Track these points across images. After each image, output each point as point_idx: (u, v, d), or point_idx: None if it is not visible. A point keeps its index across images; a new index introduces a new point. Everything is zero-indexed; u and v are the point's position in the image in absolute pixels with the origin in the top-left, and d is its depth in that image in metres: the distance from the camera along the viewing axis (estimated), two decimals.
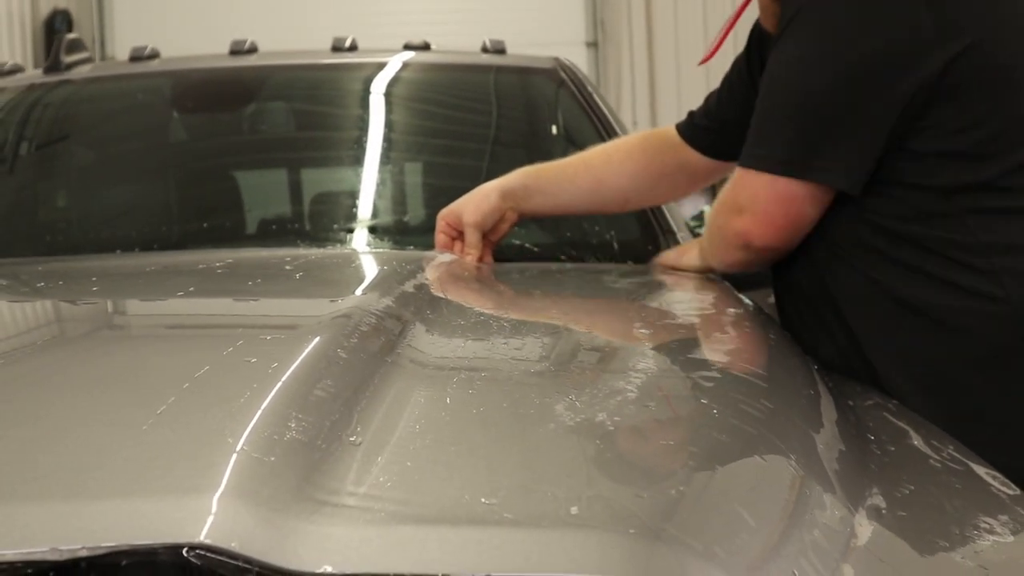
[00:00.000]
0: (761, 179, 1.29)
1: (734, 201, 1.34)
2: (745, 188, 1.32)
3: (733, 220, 1.33)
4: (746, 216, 1.31)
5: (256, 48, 2.38)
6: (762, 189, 1.30)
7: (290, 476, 0.64)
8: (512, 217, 1.58)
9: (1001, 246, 1.23)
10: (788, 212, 1.29)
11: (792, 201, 1.29)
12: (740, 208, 1.32)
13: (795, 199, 1.29)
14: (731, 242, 1.35)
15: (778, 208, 1.29)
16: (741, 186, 1.33)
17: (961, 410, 1.19)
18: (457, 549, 0.60)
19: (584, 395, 0.84)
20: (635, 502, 0.66)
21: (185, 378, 0.77)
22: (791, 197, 1.28)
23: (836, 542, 0.75)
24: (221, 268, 1.38)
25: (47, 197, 2.23)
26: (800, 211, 1.29)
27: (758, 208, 1.30)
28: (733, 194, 1.35)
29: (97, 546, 0.57)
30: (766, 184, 1.29)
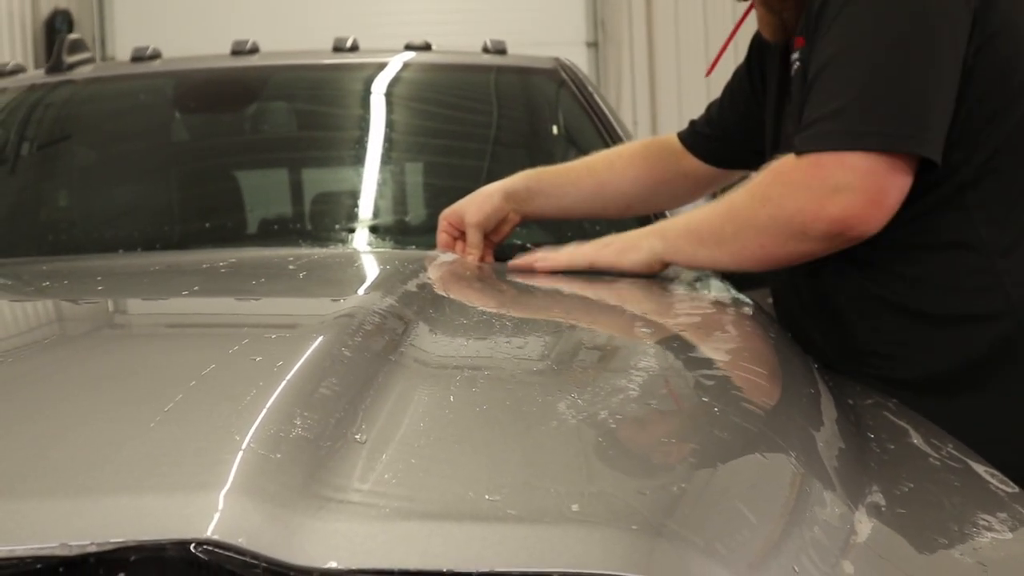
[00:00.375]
0: (861, 158, 1.20)
1: (826, 183, 1.22)
2: (840, 169, 1.21)
3: (827, 205, 1.21)
4: (847, 196, 1.20)
5: (257, 48, 2.39)
6: (866, 167, 1.20)
7: (296, 473, 0.65)
8: (514, 219, 1.58)
9: (1004, 246, 1.23)
10: (897, 189, 1.21)
11: (901, 174, 1.21)
12: (836, 189, 1.21)
13: (902, 172, 1.21)
14: (815, 232, 1.23)
15: (887, 185, 1.20)
16: (831, 168, 1.22)
17: (961, 414, 1.20)
18: (461, 545, 0.61)
19: (586, 393, 0.85)
20: (637, 499, 0.67)
21: (192, 376, 0.78)
22: (899, 170, 1.20)
23: (836, 539, 0.75)
24: (225, 268, 1.39)
25: (50, 197, 2.24)
26: (906, 184, 1.21)
27: (864, 187, 1.20)
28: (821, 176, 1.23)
29: (106, 542, 0.58)
30: (875, 161, 1.20)
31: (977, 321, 1.24)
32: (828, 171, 1.22)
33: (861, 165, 1.20)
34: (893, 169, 1.20)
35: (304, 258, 1.48)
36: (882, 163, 1.20)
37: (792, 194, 1.25)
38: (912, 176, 1.23)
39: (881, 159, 1.20)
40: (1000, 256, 1.24)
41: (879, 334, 1.28)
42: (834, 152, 1.22)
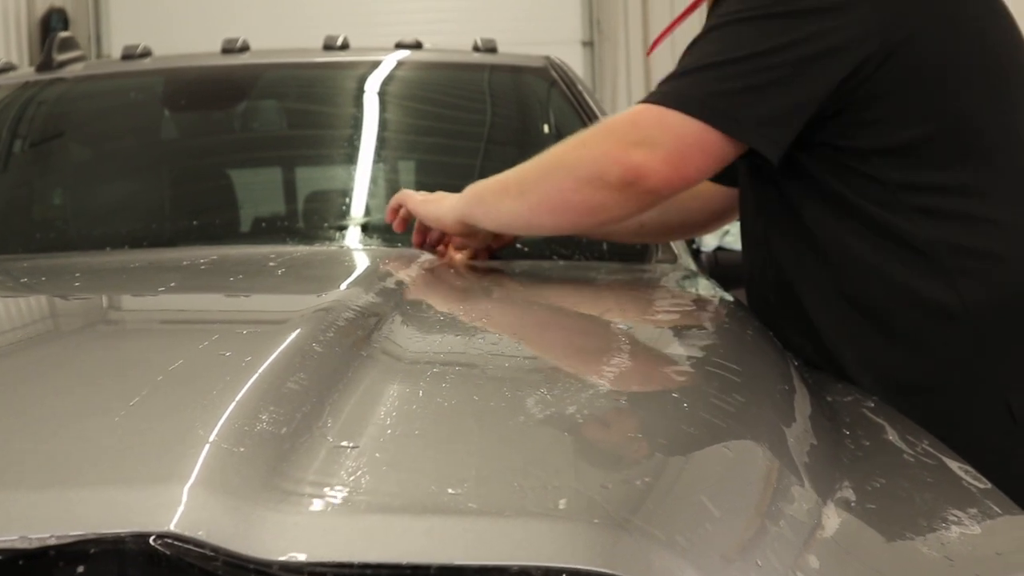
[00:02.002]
0: (678, 118, 1.21)
1: (631, 134, 1.23)
2: (654, 123, 1.22)
3: (629, 152, 1.21)
4: (648, 151, 1.21)
5: (248, 47, 2.39)
6: (679, 128, 1.21)
7: (259, 466, 0.65)
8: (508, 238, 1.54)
9: (951, 247, 1.23)
10: (701, 161, 1.22)
11: (709, 151, 1.21)
12: (644, 141, 1.22)
13: (717, 151, 1.21)
14: (611, 176, 1.22)
15: (692, 153, 1.21)
16: (647, 120, 1.23)
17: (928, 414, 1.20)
18: (421, 538, 0.61)
19: (556, 389, 0.85)
20: (600, 493, 0.67)
21: (160, 371, 0.78)
22: (714, 148, 1.21)
23: (802, 533, 0.76)
24: (205, 264, 1.39)
25: (38, 195, 2.24)
26: (709, 164, 1.23)
27: (668, 145, 1.21)
28: (630, 126, 1.24)
29: (65, 535, 0.58)
30: (684, 124, 1.21)
31: (933, 333, 1.24)
32: (644, 123, 1.23)
33: (674, 125, 1.21)
34: (705, 141, 1.21)
35: (285, 255, 1.48)
36: (696, 131, 1.20)
37: (604, 138, 1.26)
38: (730, 158, 1.23)
39: (696, 127, 1.20)
40: (952, 256, 1.23)
41: (842, 337, 1.28)
42: (658, 107, 1.23)
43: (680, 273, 1.68)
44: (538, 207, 1.28)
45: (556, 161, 1.28)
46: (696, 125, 1.20)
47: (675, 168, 1.21)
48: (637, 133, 1.22)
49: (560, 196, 1.26)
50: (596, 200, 1.24)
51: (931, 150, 1.24)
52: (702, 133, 1.20)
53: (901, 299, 1.25)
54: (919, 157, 1.24)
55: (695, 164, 1.22)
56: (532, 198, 1.28)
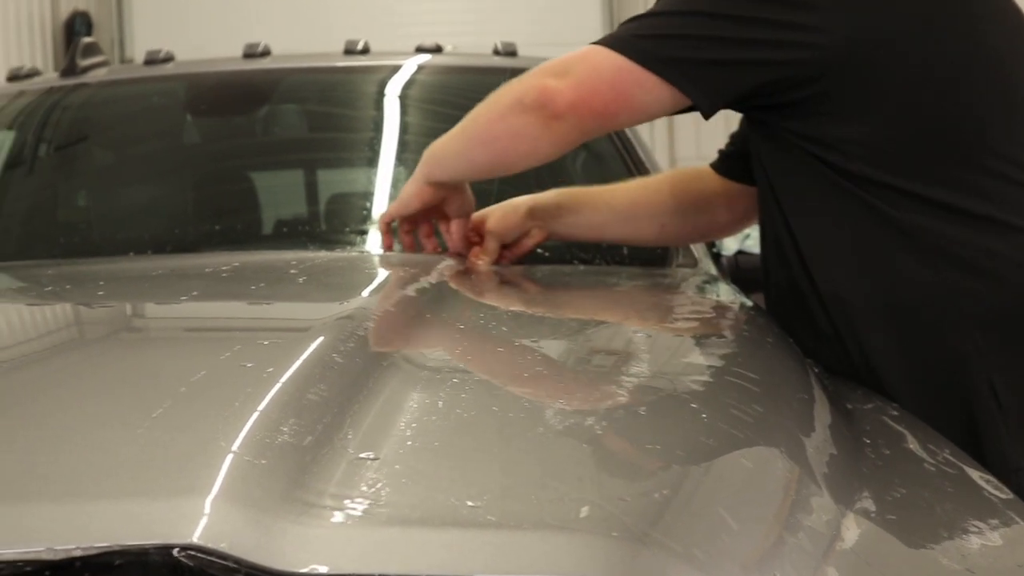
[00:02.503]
0: (602, 52, 1.25)
1: (556, 66, 1.28)
2: (578, 57, 1.27)
3: (545, 79, 1.27)
4: (561, 77, 1.25)
5: (269, 51, 2.41)
6: (598, 60, 1.25)
7: (280, 478, 0.66)
8: (538, 236, 1.56)
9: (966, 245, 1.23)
10: (617, 90, 1.25)
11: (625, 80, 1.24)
12: (563, 71, 1.27)
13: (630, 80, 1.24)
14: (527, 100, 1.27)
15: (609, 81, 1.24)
16: (574, 55, 1.28)
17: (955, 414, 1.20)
18: (441, 550, 0.61)
19: (575, 399, 0.85)
20: (618, 506, 0.68)
21: (182, 382, 0.79)
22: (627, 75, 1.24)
23: (821, 544, 0.76)
24: (226, 272, 1.40)
25: (62, 200, 2.26)
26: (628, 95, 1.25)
27: (581, 74, 1.25)
28: (558, 62, 1.29)
29: (91, 546, 0.59)
30: (606, 57, 1.25)
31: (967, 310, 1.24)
32: (570, 57, 1.28)
33: (594, 57, 1.25)
34: (621, 75, 1.24)
35: (307, 262, 1.49)
36: (615, 64, 1.24)
37: (536, 70, 1.31)
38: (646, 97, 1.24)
39: (617, 60, 1.23)
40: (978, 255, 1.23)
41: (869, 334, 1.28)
42: (595, 46, 1.27)
43: (700, 277, 1.68)
44: (472, 141, 1.36)
45: (489, 99, 1.34)
46: (617, 59, 1.25)
47: (585, 95, 1.25)
48: (560, 65, 1.28)
49: (488, 127, 1.33)
50: (515, 126, 1.29)
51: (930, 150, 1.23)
52: (619, 63, 1.24)
53: (926, 298, 1.24)
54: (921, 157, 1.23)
55: (606, 93, 1.25)
56: (468, 133, 1.35)
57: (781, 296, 1.38)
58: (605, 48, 1.26)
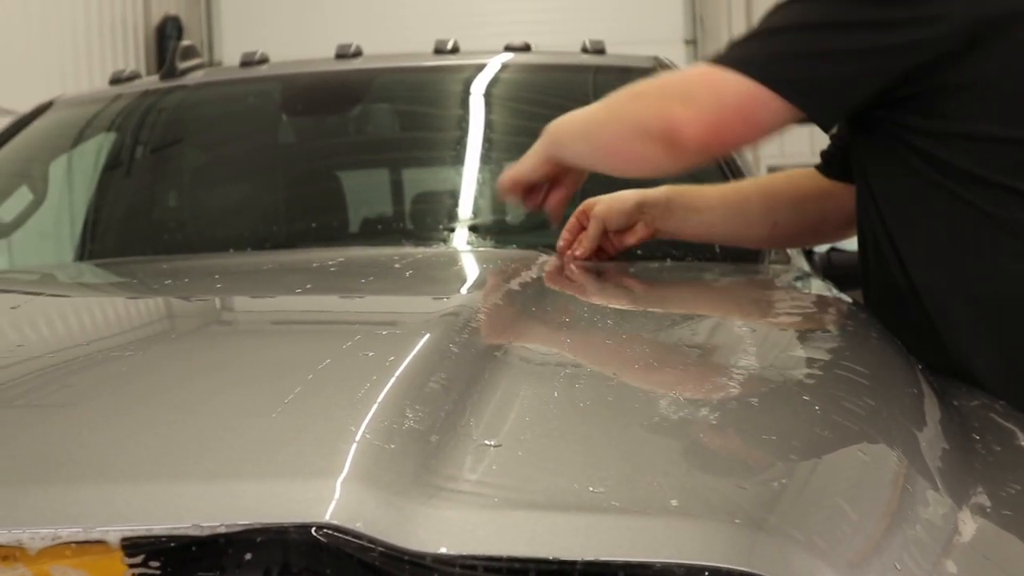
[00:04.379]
0: (729, 76, 1.21)
1: (679, 90, 1.25)
2: (701, 80, 1.24)
3: (671, 107, 1.23)
4: (686, 107, 1.22)
5: (361, 51, 2.45)
6: (726, 86, 1.21)
7: (408, 463, 0.68)
8: (643, 231, 1.56)
9: None
10: (746, 118, 1.22)
11: (754, 107, 1.21)
12: (687, 98, 1.23)
13: (759, 107, 1.21)
14: (653, 129, 1.24)
15: (736, 109, 1.21)
16: (696, 77, 1.25)
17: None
18: (567, 534, 0.63)
19: (686, 390, 0.86)
20: (738, 493, 0.68)
21: (309, 370, 0.82)
22: (756, 103, 1.21)
23: (939, 538, 0.76)
24: (334, 266, 1.44)
25: (164, 199, 2.33)
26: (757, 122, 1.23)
27: (708, 104, 1.21)
28: (680, 83, 1.26)
29: (234, 524, 0.62)
30: (733, 82, 1.21)
31: None
32: (692, 79, 1.26)
33: (723, 86, 1.22)
34: (750, 100, 1.20)
35: (409, 257, 1.52)
36: (742, 89, 1.20)
37: (654, 91, 1.29)
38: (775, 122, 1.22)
39: (743, 84, 1.20)
40: None
41: (974, 334, 1.26)
42: (710, 65, 1.24)
43: (794, 274, 1.67)
44: (598, 152, 1.36)
45: (614, 110, 1.33)
46: (742, 82, 1.21)
47: (711, 126, 1.22)
48: (683, 88, 1.25)
49: (613, 144, 1.32)
50: (640, 151, 1.28)
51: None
52: (748, 90, 1.21)
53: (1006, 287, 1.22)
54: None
55: (734, 123, 1.23)
56: (594, 142, 1.35)
57: (881, 294, 1.37)
58: (728, 70, 1.22)
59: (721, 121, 1.22)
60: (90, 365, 0.89)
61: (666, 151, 1.25)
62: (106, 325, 1.13)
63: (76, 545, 0.62)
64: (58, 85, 6.02)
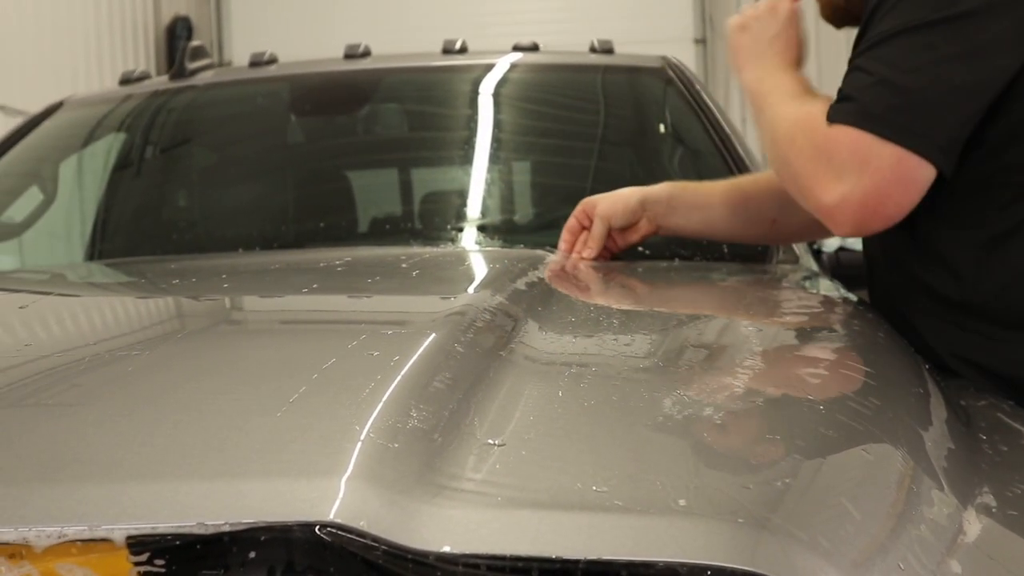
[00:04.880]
0: (881, 146, 1.12)
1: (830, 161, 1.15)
2: (855, 153, 1.14)
3: (827, 186, 1.15)
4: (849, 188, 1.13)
5: (370, 52, 2.45)
6: (881, 159, 1.12)
7: (412, 461, 0.68)
8: (646, 228, 1.57)
9: None
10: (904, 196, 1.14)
11: (911, 182, 1.13)
12: (841, 172, 1.14)
13: (913, 181, 1.14)
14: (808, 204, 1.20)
15: (896, 188, 1.13)
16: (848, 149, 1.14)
17: None
18: (570, 533, 0.63)
19: (691, 389, 0.86)
20: (742, 492, 0.69)
21: (314, 369, 0.82)
22: (911, 177, 1.13)
23: (943, 538, 0.75)
24: (341, 266, 1.44)
25: (174, 198, 2.34)
26: (914, 198, 1.15)
27: (870, 180, 1.13)
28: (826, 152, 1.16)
29: (239, 522, 0.62)
30: (888, 155, 1.12)
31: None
32: (847, 152, 1.15)
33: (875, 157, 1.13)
34: (905, 171, 1.13)
35: (416, 257, 1.53)
36: (895, 160, 1.13)
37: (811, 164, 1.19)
38: (923, 188, 1.14)
39: (896, 155, 1.13)
40: None
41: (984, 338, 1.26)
42: (857, 132, 1.14)
43: (803, 274, 1.67)
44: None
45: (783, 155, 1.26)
46: (895, 151, 1.13)
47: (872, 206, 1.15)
48: (830, 160, 1.16)
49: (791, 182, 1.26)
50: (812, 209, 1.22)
51: None
52: (901, 158, 1.13)
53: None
54: None
55: (895, 199, 1.15)
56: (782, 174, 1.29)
57: (889, 295, 1.37)
58: (868, 135, 1.14)
59: (883, 196, 1.14)
60: (96, 364, 0.90)
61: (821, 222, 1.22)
62: (113, 325, 1.14)
63: (82, 543, 0.62)
64: (69, 85, 6.05)
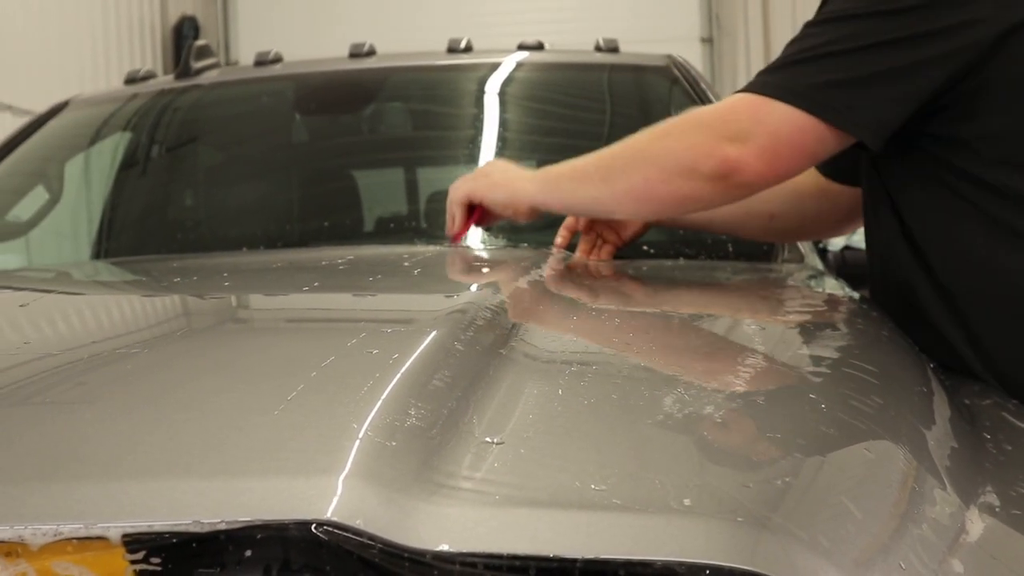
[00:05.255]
0: (777, 108, 1.19)
1: (728, 126, 1.22)
2: (749, 115, 1.21)
3: (722, 146, 1.21)
4: (741, 144, 1.20)
5: (374, 51, 2.45)
6: (777, 119, 1.19)
7: (410, 460, 0.68)
8: (638, 224, 1.57)
9: None
10: (800, 150, 1.20)
11: (810, 142, 1.20)
12: (737, 134, 1.20)
13: (814, 142, 1.20)
14: (704, 169, 1.22)
15: (790, 143, 1.20)
16: (744, 112, 1.22)
17: None
18: (568, 531, 0.63)
19: (693, 388, 0.86)
20: (742, 491, 0.68)
21: (313, 367, 0.82)
22: (810, 138, 1.19)
23: (945, 537, 0.75)
24: (343, 264, 1.44)
25: (178, 198, 2.34)
26: (805, 156, 1.22)
27: (762, 138, 1.19)
28: (727, 118, 1.23)
29: (235, 520, 0.62)
30: (784, 115, 1.19)
31: None
32: (738, 114, 1.21)
33: (770, 116, 1.19)
34: (801, 132, 1.19)
35: (418, 255, 1.52)
36: (793, 120, 1.18)
37: (695, 129, 1.24)
38: (827, 149, 1.20)
39: (794, 116, 1.18)
40: None
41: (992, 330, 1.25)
42: (754, 96, 1.21)
43: (808, 272, 1.67)
44: (623, 195, 1.30)
45: (643, 151, 1.28)
46: (793, 114, 1.19)
47: (769, 162, 1.21)
48: (731, 125, 1.22)
49: (646, 186, 1.27)
50: (686, 191, 1.25)
51: None
52: (799, 122, 1.19)
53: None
54: None
55: (792, 157, 1.21)
56: (617, 186, 1.29)
57: (891, 294, 1.36)
58: (777, 102, 1.21)
59: (778, 155, 1.21)
60: (94, 363, 0.90)
61: (719, 188, 1.23)
62: (110, 323, 1.14)
63: (77, 541, 0.62)
64: (76, 85, 6.06)
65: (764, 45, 7.13)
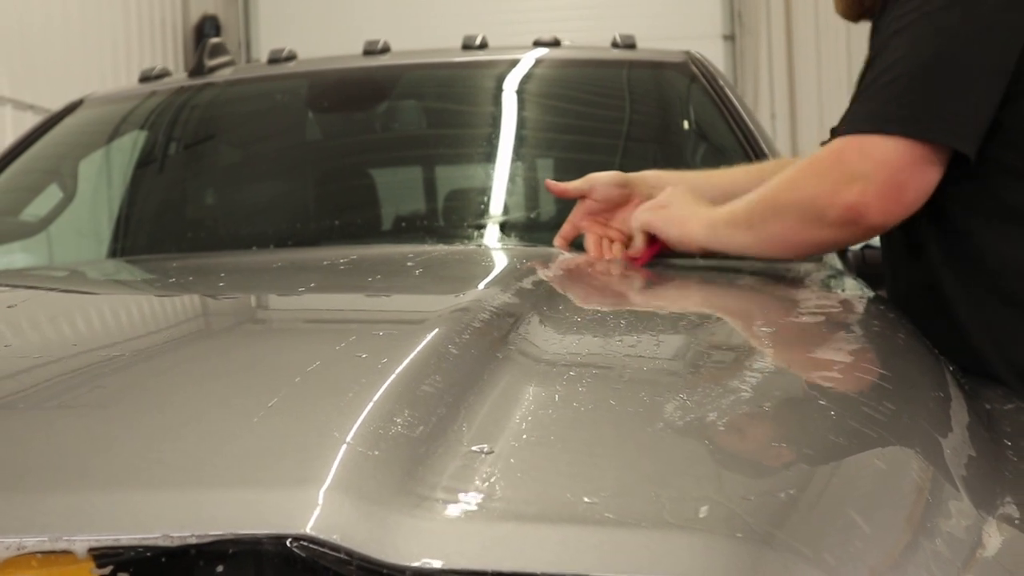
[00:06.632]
0: (886, 143, 1.18)
1: (838, 171, 1.22)
2: (858, 155, 1.20)
3: (842, 191, 1.21)
4: (863, 185, 1.19)
5: (389, 48, 2.43)
6: (888, 154, 1.18)
7: (394, 470, 0.65)
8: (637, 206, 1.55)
9: None
10: (920, 181, 1.19)
11: (925, 168, 1.19)
12: (853, 177, 1.20)
13: (927, 165, 1.19)
14: (831, 217, 1.23)
15: (909, 176, 1.19)
16: (851, 153, 1.21)
17: None
18: (555, 547, 0.59)
19: (696, 394, 0.82)
20: (742, 505, 0.65)
21: (297, 372, 0.79)
22: (923, 163, 1.18)
23: (960, 552, 0.71)
24: (344, 264, 1.41)
25: (190, 197, 2.32)
26: (930, 180, 1.20)
27: (882, 177, 1.19)
28: (835, 163, 1.23)
29: (205, 534, 0.59)
30: (893, 149, 1.18)
31: None
32: (848, 157, 1.22)
33: (881, 154, 1.19)
34: (915, 160, 1.18)
35: (423, 255, 1.49)
36: (903, 152, 1.18)
37: (812, 179, 1.25)
38: (940, 169, 1.19)
39: (902, 147, 1.18)
40: None
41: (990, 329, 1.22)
42: (856, 136, 1.21)
43: (826, 271, 1.63)
44: (767, 244, 1.34)
45: (775, 200, 1.31)
46: (899, 143, 1.19)
47: (894, 199, 1.20)
48: (844, 169, 1.22)
49: (784, 236, 1.30)
50: (820, 238, 1.27)
51: None
52: (907, 150, 1.19)
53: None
54: None
55: (913, 186, 1.20)
56: (761, 235, 1.33)
57: (915, 295, 1.33)
58: (876, 136, 1.20)
59: (900, 188, 1.20)
60: (63, 367, 0.87)
61: (849, 232, 1.25)
62: (86, 327, 1.11)
63: (42, 555, 0.59)
64: (98, 85, 6.07)
65: (786, 42, 7.06)
